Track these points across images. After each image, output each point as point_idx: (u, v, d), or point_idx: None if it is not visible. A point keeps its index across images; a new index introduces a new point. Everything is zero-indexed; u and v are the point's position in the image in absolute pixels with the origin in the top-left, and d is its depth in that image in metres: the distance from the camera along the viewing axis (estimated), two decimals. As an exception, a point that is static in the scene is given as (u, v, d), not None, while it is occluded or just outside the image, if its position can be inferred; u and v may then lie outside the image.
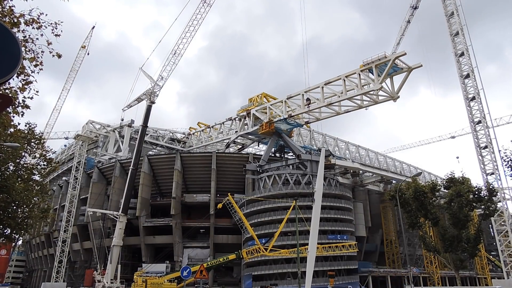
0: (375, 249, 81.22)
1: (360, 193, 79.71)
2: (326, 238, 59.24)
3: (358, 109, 58.45)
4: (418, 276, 69.92)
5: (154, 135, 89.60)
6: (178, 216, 70.29)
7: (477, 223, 49.11)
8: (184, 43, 72.49)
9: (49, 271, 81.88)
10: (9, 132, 16.92)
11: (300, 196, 59.42)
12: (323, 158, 34.71)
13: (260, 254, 54.70)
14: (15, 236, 26.91)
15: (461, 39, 58.52)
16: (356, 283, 61.40)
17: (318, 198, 31.53)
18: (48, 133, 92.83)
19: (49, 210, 30.04)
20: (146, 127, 64.99)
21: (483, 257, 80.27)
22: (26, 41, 9.55)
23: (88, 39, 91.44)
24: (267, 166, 68.49)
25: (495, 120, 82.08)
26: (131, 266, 70.35)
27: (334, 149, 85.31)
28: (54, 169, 25.58)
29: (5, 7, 9.22)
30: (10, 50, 4.68)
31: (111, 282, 51.77)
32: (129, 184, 58.40)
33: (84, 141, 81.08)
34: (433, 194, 44.12)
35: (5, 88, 10.33)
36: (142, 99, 78.86)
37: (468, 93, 57.27)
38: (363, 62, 53.88)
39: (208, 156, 74.81)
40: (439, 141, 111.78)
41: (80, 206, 77.13)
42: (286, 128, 69.56)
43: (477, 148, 55.38)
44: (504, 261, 52.74)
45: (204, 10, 71.17)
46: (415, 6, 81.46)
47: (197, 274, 23.21)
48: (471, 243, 42.46)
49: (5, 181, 18.07)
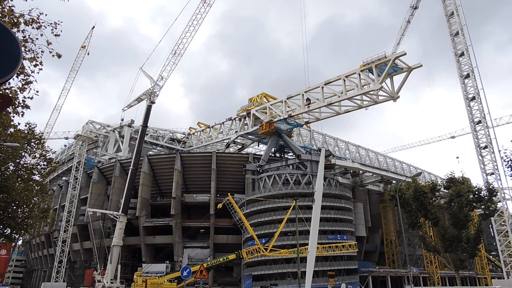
0: (375, 249, 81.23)
1: (360, 193, 79.73)
2: (326, 238, 59.26)
3: (358, 109, 58.50)
4: (418, 276, 69.90)
5: (154, 135, 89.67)
6: (178, 216, 70.30)
7: (477, 223, 49.15)
8: (184, 43, 72.53)
9: (49, 271, 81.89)
10: (9, 132, 16.93)
11: (300, 196, 59.43)
12: (323, 158, 34.69)
13: (260, 254, 54.71)
14: (15, 236, 26.92)
15: (461, 39, 58.56)
16: (356, 283, 61.39)
17: (318, 198, 31.51)
18: (48, 133, 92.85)
19: (49, 210, 30.02)
20: (146, 127, 65.03)
21: (483, 257, 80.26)
22: (26, 41, 9.57)
23: (88, 39, 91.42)
24: (267, 166, 68.49)
25: (495, 120, 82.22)
26: (131, 266, 70.38)
27: (334, 149, 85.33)
28: (54, 169, 25.58)
29: (5, 7, 9.23)
30: (10, 50, 4.68)
31: (111, 282, 51.76)
32: (129, 184, 58.42)
33: (84, 141, 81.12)
34: (433, 194, 44.18)
35: (5, 88, 10.33)
36: (142, 99, 78.86)
37: (468, 93, 57.31)
38: (363, 62, 53.95)
39: (208, 156, 74.84)
40: (439, 141, 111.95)
41: (80, 206, 77.16)
42: (286, 128, 69.58)
43: (477, 148, 55.40)
44: (504, 261, 52.76)
45: (204, 10, 71.21)
46: (415, 6, 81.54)
47: (197, 274, 23.22)
48: (471, 243, 42.50)
49: (5, 181, 18.07)
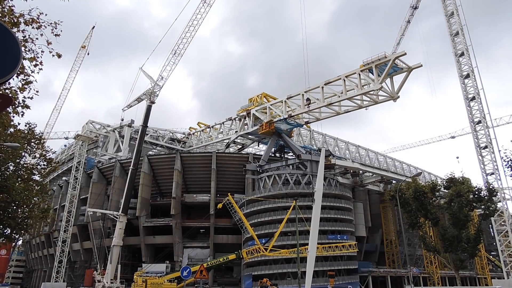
0: (375, 249, 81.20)
1: (360, 193, 79.70)
2: (326, 238, 59.23)
3: (358, 109, 58.50)
4: (418, 276, 69.85)
5: (154, 135, 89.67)
6: (178, 216, 70.28)
7: (477, 223, 49.19)
8: (184, 43, 72.55)
9: (49, 271, 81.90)
10: (9, 132, 16.93)
11: (300, 196, 59.41)
12: (323, 158, 34.68)
13: (260, 254, 54.68)
14: (15, 236, 26.90)
15: (461, 39, 58.56)
16: (356, 283, 61.37)
17: (318, 198, 31.51)
18: (48, 133, 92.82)
19: (49, 210, 30.02)
20: (146, 127, 65.04)
21: (483, 257, 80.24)
22: (26, 41, 9.57)
23: (88, 39, 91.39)
24: (267, 166, 68.47)
25: (495, 120, 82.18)
26: (131, 266, 70.35)
27: (334, 149, 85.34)
28: (54, 169, 25.60)
29: (5, 7, 9.23)
30: (10, 50, 4.68)
31: (111, 282, 51.77)
32: (129, 184, 58.42)
33: (84, 141, 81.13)
34: (433, 194, 44.22)
35: (5, 88, 10.33)
36: (142, 99, 78.90)
37: (468, 93, 57.32)
38: (363, 62, 53.96)
39: (208, 156, 74.83)
40: (439, 141, 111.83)
41: (80, 206, 77.16)
42: (286, 128, 69.58)
43: (477, 148, 55.40)
44: (504, 261, 52.76)
45: (204, 10, 71.22)
46: (415, 6, 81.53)
47: (197, 274, 23.22)
48: (471, 243, 42.54)
49: (5, 181, 18.08)
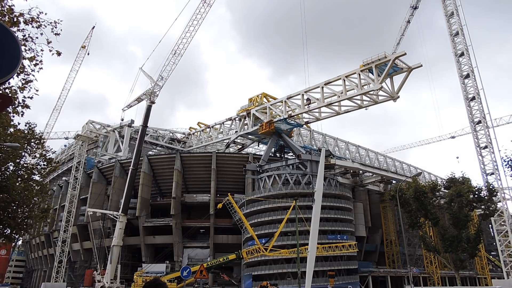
0: (375, 249, 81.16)
1: (360, 193, 79.67)
2: (326, 238, 59.18)
3: (358, 109, 58.48)
4: (418, 276, 69.79)
5: (154, 135, 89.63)
6: (178, 216, 70.29)
7: (477, 223, 49.25)
8: (184, 43, 72.54)
9: (49, 271, 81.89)
10: (9, 132, 16.91)
11: (300, 196, 59.35)
12: (323, 158, 34.70)
13: (260, 254, 54.70)
14: (15, 236, 26.83)
15: (461, 39, 58.53)
16: (356, 283, 61.34)
17: (318, 198, 31.52)
18: (48, 133, 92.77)
19: (49, 210, 29.96)
20: (146, 127, 65.03)
21: (483, 257, 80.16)
22: (25, 40, 9.55)
23: (88, 39, 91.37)
24: (267, 166, 68.44)
25: (495, 120, 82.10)
26: (131, 266, 70.39)
27: (334, 149, 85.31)
28: (54, 169, 25.51)
29: (5, 6, 9.21)
30: (10, 50, 4.66)
31: (111, 282, 51.77)
32: (129, 184, 58.40)
33: (84, 141, 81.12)
34: (433, 194, 44.30)
35: (5, 88, 10.32)
36: (142, 99, 78.89)
37: (468, 93, 57.28)
38: (363, 62, 53.95)
39: (208, 156, 74.82)
40: (439, 141, 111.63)
41: (80, 206, 77.15)
42: (286, 128, 69.56)
43: (477, 148, 55.34)
44: (504, 261, 52.69)
45: (204, 10, 71.19)
46: (415, 6, 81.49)
47: (197, 274, 23.22)
48: (471, 243, 42.58)
49: (5, 181, 18.04)
